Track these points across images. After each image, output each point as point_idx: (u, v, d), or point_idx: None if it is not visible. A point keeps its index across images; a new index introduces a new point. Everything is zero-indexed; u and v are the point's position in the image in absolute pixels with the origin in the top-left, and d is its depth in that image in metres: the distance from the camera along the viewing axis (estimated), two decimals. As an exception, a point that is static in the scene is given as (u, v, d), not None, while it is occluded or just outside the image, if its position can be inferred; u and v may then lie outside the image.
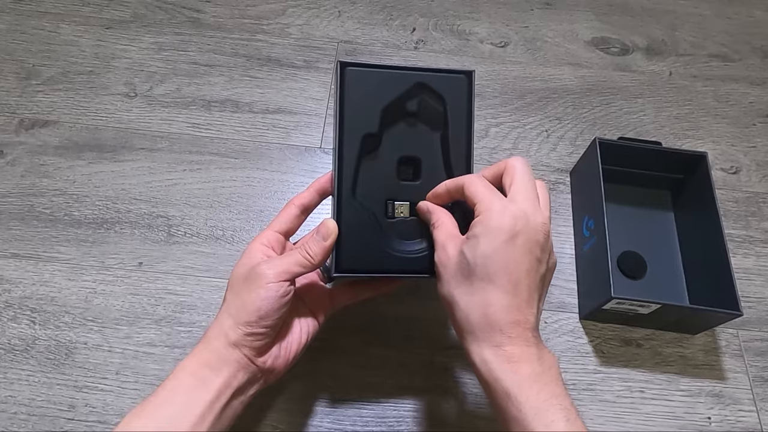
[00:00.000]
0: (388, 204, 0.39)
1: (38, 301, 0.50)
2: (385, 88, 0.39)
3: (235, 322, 0.36)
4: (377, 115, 0.38)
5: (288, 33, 0.69)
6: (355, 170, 0.38)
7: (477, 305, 0.32)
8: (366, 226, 0.38)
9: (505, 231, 0.32)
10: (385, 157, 0.39)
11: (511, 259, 0.32)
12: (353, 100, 0.38)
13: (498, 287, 0.32)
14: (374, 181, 0.39)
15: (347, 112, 0.38)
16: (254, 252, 0.38)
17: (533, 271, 0.33)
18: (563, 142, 0.63)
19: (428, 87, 0.39)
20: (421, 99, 0.39)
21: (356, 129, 0.38)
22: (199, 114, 0.62)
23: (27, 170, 0.57)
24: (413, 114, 0.39)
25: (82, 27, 0.68)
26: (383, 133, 0.39)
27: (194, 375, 0.35)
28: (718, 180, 0.61)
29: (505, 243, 0.32)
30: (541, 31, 0.72)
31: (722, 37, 0.74)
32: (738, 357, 0.51)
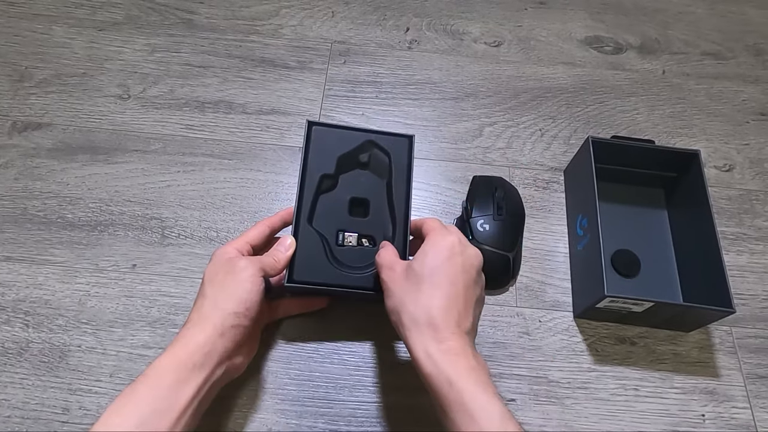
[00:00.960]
0: (339, 233, 0.46)
1: (32, 304, 0.50)
2: (342, 142, 0.48)
3: (224, 313, 0.39)
4: (334, 161, 0.48)
5: (281, 34, 0.69)
6: (313, 203, 0.46)
7: (424, 307, 0.37)
8: (318, 248, 0.45)
9: (448, 249, 0.39)
10: (340, 197, 0.47)
11: (453, 272, 0.38)
12: (316, 149, 0.48)
13: (443, 293, 0.37)
14: (329, 214, 0.47)
15: (310, 157, 0.47)
16: (229, 252, 0.42)
17: (470, 288, 0.39)
18: (557, 141, 0.63)
19: (377, 144, 0.49)
20: (371, 152, 0.49)
21: (316, 170, 0.47)
22: (192, 115, 0.62)
23: (20, 173, 0.57)
24: (364, 164, 0.49)
25: (75, 29, 0.67)
26: (339, 176, 0.48)
27: (176, 372, 0.36)
28: (711, 178, 0.61)
29: (448, 259, 0.38)
30: (534, 31, 0.73)
31: (715, 35, 0.74)
32: (732, 354, 0.51)
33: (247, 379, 0.46)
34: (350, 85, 0.66)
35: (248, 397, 0.46)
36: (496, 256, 0.52)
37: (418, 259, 0.39)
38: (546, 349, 0.51)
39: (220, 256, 0.42)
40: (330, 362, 0.48)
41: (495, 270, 0.52)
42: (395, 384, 0.48)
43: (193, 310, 0.40)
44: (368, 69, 0.67)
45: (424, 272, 0.38)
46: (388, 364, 0.49)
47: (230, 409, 0.46)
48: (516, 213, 0.55)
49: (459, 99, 0.66)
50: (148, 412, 0.34)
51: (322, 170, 0.47)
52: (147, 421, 0.34)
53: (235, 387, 0.46)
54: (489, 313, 0.52)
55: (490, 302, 0.52)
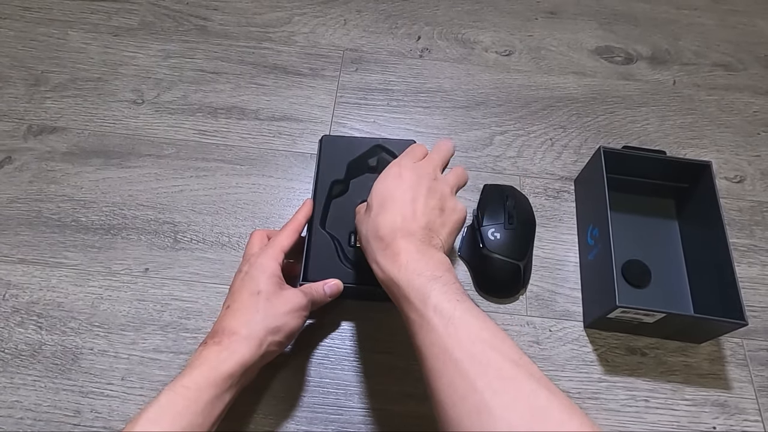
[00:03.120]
0: (350, 235, 0.49)
1: (45, 306, 0.50)
2: (351, 148, 0.52)
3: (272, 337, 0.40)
4: (344, 167, 0.51)
5: (294, 41, 0.70)
6: (326, 208, 0.49)
7: (372, 227, 0.39)
8: (330, 250, 0.48)
9: (387, 173, 0.41)
10: (351, 200, 0.50)
11: (391, 188, 0.40)
12: (327, 157, 0.51)
13: (385, 211, 0.39)
14: (341, 218, 0.49)
15: (322, 165, 0.51)
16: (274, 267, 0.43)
17: (418, 201, 0.39)
18: (567, 151, 0.63)
19: (385, 148, 0.51)
20: (379, 156, 0.51)
21: (328, 177, 0.50)
22: (205, 121, 0.62)
23: (35, 176, 0.57)
24: (373, 168, 0.51)
25: (91, 34, 0.68)
26: (350, 181, 0.51)
27: (216, 387, 0.36)
28: (723, 189, 0.61)
29: (392, 180, 0.41)
30: (545, 40, 0.73)
31: (725, 46, 0.74)
32: (743, 366, 0.51)
33: (258, 385, 0.47)
34: (362, 92, 0.66)
35: (259, 404, 0.46)
36: (506, 264, 0.52)
37: (370, 192, 0.42)
38: (556, 358, 0.51)
39: (264, 270, 0.42)
40: (341, 369, 0.49)
41: (505, 278, 0.52)
42: (406, 392, 0.48)
43: (235, 317, 0.40)
44: (380, 77, 0.68)
45: (372, 200, 0.41)
46: (399, 371, 0.49)
47: (241, 415, 0.46)
48: (527, 222, 0.55)
49: (470, 107, 0.66)
50: (185, 424, 0.35)
51: (333, 176, 0.50)
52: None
53: (247, 393, 0.45)
54: (499, 321, 0.52)
55: (500, 311, 0.52)
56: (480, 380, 0.30)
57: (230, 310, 0.41)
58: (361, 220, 0.42)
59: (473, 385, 0.30)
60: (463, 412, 0.30)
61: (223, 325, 0.39)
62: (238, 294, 0.42)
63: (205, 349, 0.38)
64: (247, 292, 0.41)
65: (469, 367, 0.31)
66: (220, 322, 0.40)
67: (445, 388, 0.32)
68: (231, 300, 0.42)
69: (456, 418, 0.30)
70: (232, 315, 0.40)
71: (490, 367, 0.31)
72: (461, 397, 0.30)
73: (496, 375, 0.30)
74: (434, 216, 0.40)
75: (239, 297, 0.41)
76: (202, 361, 0.37)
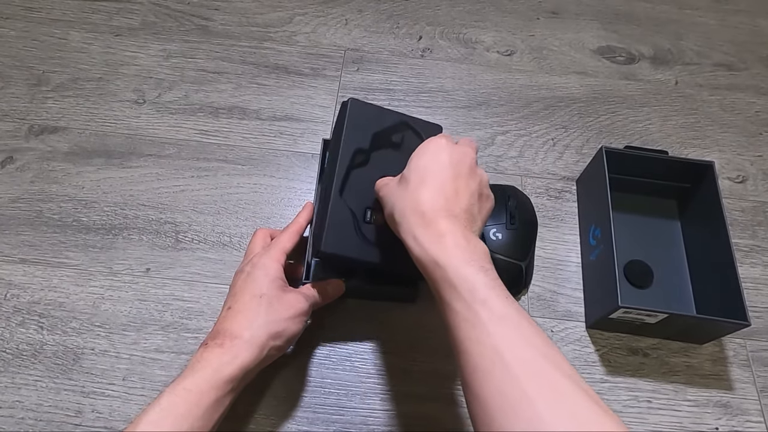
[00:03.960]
0: (366, 210, 0.46)
1: (46, 306, 0.50)
2: (378, 119, 0.48)
3: (273, 341, 0.40)
4: (369, 137, 0.47)
5: (295, 41, 0.70)
6: (345, 176, 0.45)
7: (411, 201, 0.37)
8: (348, 221, 0.44)
9: (432, 148, 0.39)
10: (371, 174, 0.46)
11: (438, 166, 0.38)
12: (352, 123, 0.47)
13: (428, 184, 0.37)
14: (359, 190, 0.45)
15: (347, 129, 0.46)
16: (276, 269, 0.43)
17: (460, 179, 0.38)
18: (569, 151, 0.63)
19: (411, 127, 0.49)
20: (404, 134, 0.48)
21: (352, 143, 0.46)
22: (206, 121, 0.62)
23: (36, 176, 0.57)
24: (397, 144, 0.48)
25: (92, 34, 0.68)
26: (372, 153, 0.47)
27: (217, 390, 0.36)
28: (725, 189, 0.61)
29: (433, 155, 0.39)
30: (547, 40, 0.73)
31: (728, 46, 0.74)
32: (746, 367, 0.51)
33: (259, 386, 0.47)
34: (363, 92, 0.66)
35: (260, 404, 0.46)
36: (508, 265, 0.52)
37: (407, 165, 0.40)
38: (558, 359, 0.50)
39: (267, 272, 0.42)
40: (342, 369, 0.48)
41: (507, 279, 0.51)
42: (407, 392, 0.48)
43: (237, 319, 0.40)
44: (381, 76, 0.68)
45: (410, 173, 0.39)
46: (400, 371, 0.49)
47: (242, 415, 0.46)
48: (528, 222, 0.55)
49: (471, 107, 0.66)
50: (186, 427, 0.35)
51: (357, 144, 0.46)
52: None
53: (248, 393, 0.45)
54: (501, 322, 0.52)
55: (502, 311, 0.52)
56: (533, 389, 0.28)
57: (232, 312, 0.40)
58: (393, 193, 0.39)
59: (526, 394, 0.28)
60: (512, 420, 0.28)
61: (224, 327, 0.39)
62: (240, 295, 0.41)
63: (206, 351, 0.38)
64: (249, 295, 0.41)
65: (520, 373, 0.29)
66: (221, 323, 0.40)
67: (492, 391, 0.30)
68: (232, 301, 0.42)
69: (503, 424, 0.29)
70: (234, 317, 0.40)
71: (543, 377, 0.29)
72: (512, 406, 0.29)
73: (551, 387, 0.29)
74: (474, 200, 0.38)
75: (241, 299, 0.41)
76: (204, 363, 0.37)
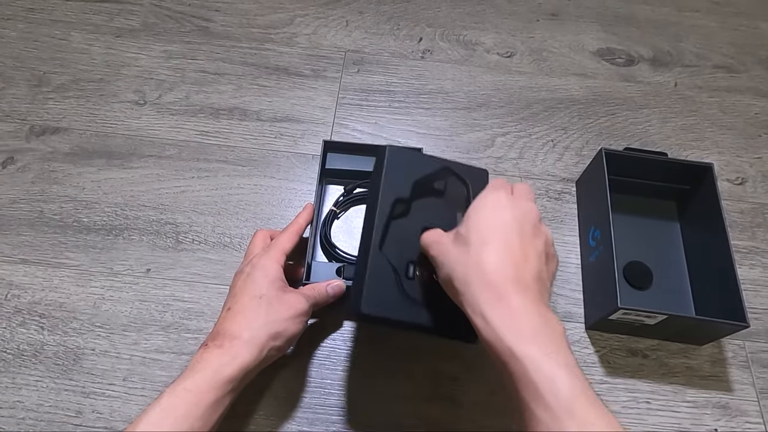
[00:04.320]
0: (409, 265, 0.42)
1: (47, 306, 0.50)
2: (418, 166, 0.45)
3: (273, 341, 0.40)
4: (410, 185, 0.44)
5: (296, 42, 0.70)
6: (385, 228, 0.42)
7: (474, 268, 0.33)
8: (389, 278, 0.41)
9: (493, 204, 0.36)
10: (412, 225, 0.43)
11: (501, 225, 0.35)
12: (391, 170, 0.44)
13: (493, 247, 0.34)
14: (400, 243, 0.42)
15: (386, 178, 0.43)
16: (276, 270, 0.43)
17: (527, 239, 0.35)
18: (569, 152, 0.63)
19: (454, 172, 0.45)
20: (447, 180, 0.45)
21: (391, 193, 0.43)
22: (207, 122, 0.62)
23: (37, 176, 0.57)
24: (439, 192, 0.45)
25: (93, 35, 0.68)
26: (413, 202, 0.44)
27: (217, 390, 0.37)
28: (724, 191, 0.61)
29: (495, 213, 0.35)
30: (546, 42, 0.73)
31: (727, 48, 0.74)
32: (745, 368, 0.51)
33: (259, 386, 0.47)
34: (363, 93, 0.66)
35: (260, 404, 0.46)
36: (508, 266, 0.52)
37: (464, 223, 0.36)
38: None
39: (266, 273, 0.42)
40: (342, 370, 0.49)
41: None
42: (407, 393, 0.48)
43: (237, 320, 0.40)
44: (381, 78, 0.68)
45: (470, 233, 0.35)
46: (401, 373, 0.49)
47: (242, 415, 0.46)
48: (528, 223, 0.55)
49: (471, 109, 0.66)
50: (186, 427, 0.35)
51: (397, 194, 0.43)
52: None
53: (248, 394, 0.45)
54: (500, 323, 0.52)
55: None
56: None
57: (231, 313, 0.41)
58: (449, 254, 0.36)
59: None
60: None
61: (224, 327, 0.40)
62: (239, 296, 0.41)
63: (206, 352, 0.38)
64: (249, 295, 0.41)
65: None
66: (221, 324, 0.40)
67: None
68: (232, 302, 0.42)
69: None
70: (234, 318, 0.40)
71: None
72: None
73: None
74: (542, 263, 0.35)
75: (241, 299, 0.41)
76: (204, 364, 0.37)
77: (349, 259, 0.53)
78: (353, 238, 0.55)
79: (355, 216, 0.56)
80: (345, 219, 0.56)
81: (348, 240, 0.55)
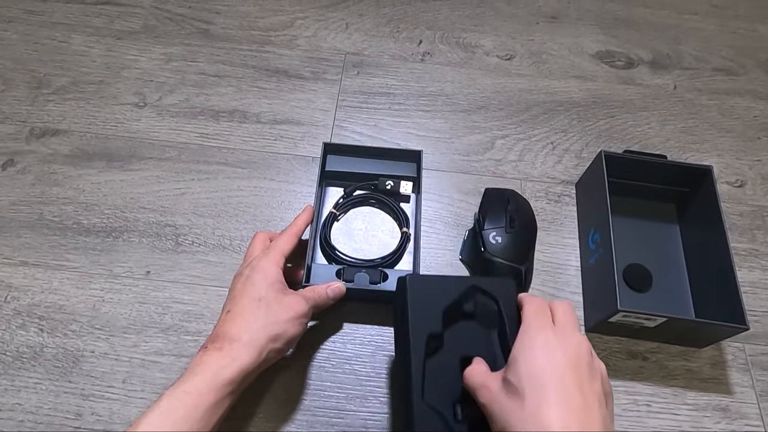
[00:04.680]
0: (455, 406, 0.39)
1: (46, 309, 0.50)
2: (443, 291, 0.41)
3: (273, 343, 0.40)
4: (439, 316, 0.40)
5: (296, 45, 0.70)
6: (423, 372, 0.39)
7: (532, 421, 0.31)
8: (437, 426, 0.38)
9: (542, 348, 0.33)
10: (449, 358, 0.40)
11: (555, 373, 0.32)
12: (417, 303, 0.41)
13: (550, 404, 0.31)
14: (440, 383, 0.39)
15: (412, 314, 0.40)
16: (275, 272, 0.43)
17: (584, 384, 0.32)
18: (569, 155, 0.63)
19: (481, 289, 0.42)
20: (476, 300, 0.42)
21: (422, 329, 0.40)
22: (207, 124, 0.62)
23: (37, 179, 0.57)
24: (470, 314, 0.42)
25: (93, 38, 0.69)
26: (445, 332, 0.41)
27: (216, 392, 0.37)
28: (723, 193, 0.61)
29: (546, 359, 0.33)
30: (546, 44, 0.73)
31: (726, 51, 0.74)
32: (745, 371, 0.51)
33: (259, 388, 0.47)
34: (363, 96, 0.66)
35: (260, 406, 0.46)
36: (508, 268, 0.52)
37: (512, 368, 0.33)
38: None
39: (266, 276, 0.42)
40: (341, 372, 0.48)
41: (507, 282, 0.52)
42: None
43: (236, 323, 0.40)
44: (381, 80, 0.68)
45: (521, 382, 0.32)
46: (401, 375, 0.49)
47: (242, 417, 0.46)
48: (528, 226, 0.55)
49: (471, 111, 0.66)
50: (186, 429, 0.35)
51: (428, 329, 0.40)
52: None
53: (247, 396, 0.45)
54: (500, 325, 0.52)
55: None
56: None
57: (231, 315, 0.41)
58: (503, 408, 0.33)
59: None
60: None
61: (223, 330, 0.40)
62: (239, 299, 0.42)
63: (205, 354, 0.38)
64: (248, 298, 0.41)
65: None
66: (220, 326, 0.40)
67: None
68: (231, 304, 0.42)
69: None
70: (233, 320, 0.40)
71: None
72: None
73: None
74: (603, 407, 0.32)
75: (240, 302, 0.41)
76: (204, 367, 0.37)
77: (348, 261, 0.53)
78: (353, 240, 0.55)
79: (354, 218, 0.57)
80: (345, 221, 0.56)
81: (347, 242, 0.55)
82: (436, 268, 0.55)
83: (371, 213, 0.57)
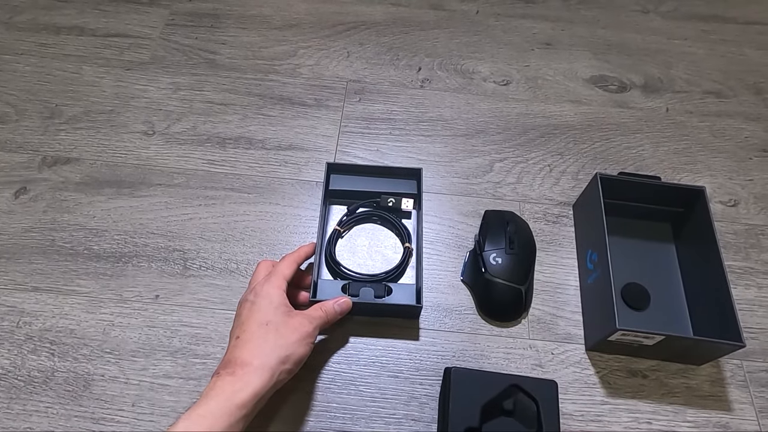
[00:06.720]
0: None
1: (57, 333, 0.51)
2: (484, 387, 0.44)
3: (282, 366, 0.41)
4: (478, 411, 0.43)
5: (299, 73, 0.72)
6: None
7: None
8: None
9: None
10: None
11: None
12: (458, 397, 0.44)
13: None
14: None
15: (453, 405, 0.44)
16: (280, 296, 0.44)
17: None
18: (565, 177, 0.65)
19: (522, 389, 0.44)
20: (516, 398, 0.44)
21: (460, 422, 0.43)
22: (214, 151, 0.64)
23: (49, 206, 0.59)
24: (509, 412, 0.44)
25: (104, 69, 0.71)
26: (483, 426, 0.43)
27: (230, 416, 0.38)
28: (717, 213, 0.63)
29: None
30: (541, 70, 0.75)
31: (716, 74, 0.77)
32: (743, 388, 0.52)
33: (265, 409, 0.47)
34: (365, 122, 0.68)
35: (267, 427, 0.47)
36: (508, 288, 0.53)
37: None
38: (559, 381, 0.51)
39: (271, 301, 0.44)
40: (347, 393, 0.49)
41: (507, 303, 0.53)
42: (411, 416, 0.48)
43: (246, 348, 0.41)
44: (382, 107, 0.70)
45: None
46: (405, 395, 0.49)
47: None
48: (527, 246, 0.56)
49: (470, 135, 0.68)
50: None
51: (466, 422, 0.43)
52: None
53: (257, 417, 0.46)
54: (502, 345, 0.53)
55: (503, 334, 0.53)
56: None
57: (241, 341, 0.42)
58: None
59: None
60: None
61: (234, 356, 0.41)
62: (247, 324, 0.43)
63: (219, 380, 0.39)
64: (256, 323, 0.43)
65: None
66: (231, 352, 0.42)
67: None
68: (240, 330, 0.43)
69: None
70: (243, 346, 0.41)
71: None
72: None
73: None
74: None
75: (248, 327, 0.43)
76: (218, 391, 0.38)
77: (353, 277, 0.54)
78: (357, 256, 0.57)
79: (358, 235, 0.58)
80: (349, 238, 0.58)
81: (352, 258, 0.57)
82: (438, 288, 0.56)
83: (374, 229, 0.59)
